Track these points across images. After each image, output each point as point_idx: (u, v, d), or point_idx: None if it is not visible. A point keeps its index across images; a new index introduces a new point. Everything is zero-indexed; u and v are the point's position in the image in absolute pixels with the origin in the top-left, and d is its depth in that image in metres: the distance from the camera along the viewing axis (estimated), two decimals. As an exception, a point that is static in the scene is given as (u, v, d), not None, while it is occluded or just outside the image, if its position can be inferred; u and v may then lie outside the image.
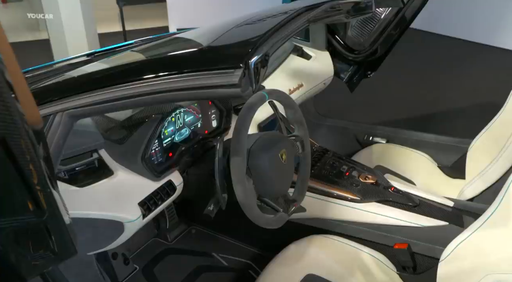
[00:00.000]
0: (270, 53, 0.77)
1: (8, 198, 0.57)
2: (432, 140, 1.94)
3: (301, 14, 0.91)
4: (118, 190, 1.03)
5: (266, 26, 0.84)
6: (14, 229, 0.59)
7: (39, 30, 4.95)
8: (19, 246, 0.64)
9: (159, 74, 0.78)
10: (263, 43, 0.76)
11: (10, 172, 0.57)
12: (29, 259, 0.67)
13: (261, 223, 1.01)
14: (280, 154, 1.03)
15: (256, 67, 0.73)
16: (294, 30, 0.85)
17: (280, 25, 0.83)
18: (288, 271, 1.22)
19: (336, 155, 1.51)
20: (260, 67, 0.74)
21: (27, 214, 0.57)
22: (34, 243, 0.66)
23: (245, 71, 0.71)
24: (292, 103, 1.12)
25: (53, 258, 0.70)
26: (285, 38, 0.84)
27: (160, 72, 0.78)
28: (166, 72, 0.77)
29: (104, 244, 1.05)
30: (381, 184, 1.37)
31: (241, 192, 0.93)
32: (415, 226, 1.27)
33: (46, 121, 0.88)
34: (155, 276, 1.48)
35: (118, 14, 3.84)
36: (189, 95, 0.76)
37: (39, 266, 0.70)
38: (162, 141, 1.13)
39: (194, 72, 0.74)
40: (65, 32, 3.97)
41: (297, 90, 1.73)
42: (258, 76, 0.74)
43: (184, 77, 0.75)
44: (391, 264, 1.28)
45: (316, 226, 1.39)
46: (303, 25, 0.89)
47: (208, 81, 0.73)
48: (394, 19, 1.92)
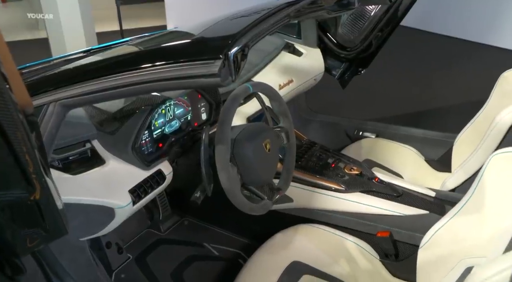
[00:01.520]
0: (250, 45, 0.82)
1: (2, 175, 0.62)
2: (420, 135, 1.99)
3: (282, 9, 0.95)
4: (109, 177, 1.08)
5: (248, 20, 0.88)
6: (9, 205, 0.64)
7: (38, 29, 5.01)
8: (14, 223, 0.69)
9: (145, 65, 0.82)
10: (243, 36, 0.80)
11: (4, 154, 0.62)
12: (23, 236, 0.71)
13: (245, 209, 1.05)
14: (264, 144, 1.08)
15: (236, 58, 0.77)
16: (274, 24, 0.90)
17: (260, 20, 0.88)
18: (274, 258, 1.27)
19: (323, 148, 1.56)
20: (240, 58, 0.79)
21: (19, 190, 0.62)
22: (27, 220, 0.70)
23: (225, 62, 0.76)
24: (276, 96, 1.17)
25: (45, 236, 0.75)
26: (265, 31, 0.88)
27: (145, 64, 0.83)
28: (151, 64, 0.82)
29: (96, 229, 1.09)
30: (365, 175, 1.42)
31: (225, 179, 0.97)
32: (397, 215, 1.31)
33: (40, 112, 0.93)
34: (148, 265, 1.52)
35: (116, 13, 3.90)
36: (173, 85, 0.81)
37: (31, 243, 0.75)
38: (153, 132, 1.18)
39: (177, 63, 0.79)
40: (63, 32, 4.03)
41: (287, 86, 1.77)
42: (237, 67, 0.78)
43: (168, 68, 0.80)
44: (374, 251, 1.33)
45: (303, 215, 1.43)
46: (283, 20, 0.94)
47: (190, 71, 0.78)
48: (385, 16, 1.96)
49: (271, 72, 1.77)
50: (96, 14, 4.44)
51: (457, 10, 4.94)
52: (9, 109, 0.61)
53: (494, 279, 0.64)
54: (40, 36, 4.77)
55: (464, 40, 4.84)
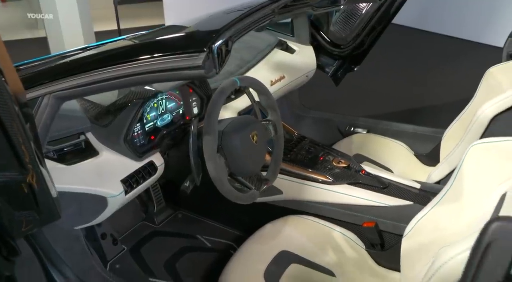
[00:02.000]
0: (234, 39, 0.86)
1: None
2: (410, 130, 2.03)
3: (267, 6, 1.00)
4: (102, 168, 1.12)
5: (233, 16, 0.92)
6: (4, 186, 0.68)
7: (37, 29, 5.05)
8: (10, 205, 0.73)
9: (134, 59, 0.87)
10: (227, 30, 0.84)
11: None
12: (18, 219, 0.76)
13: (232, 198, 1.10)
14: (251, 135, 1.12)
15: (219, 51, 0.82)
16: (258, 19, 0.94)
17: (245, 15, 0.92)
18: (263, 248, 1.31)
19: (312, 142, 1.60)
20: (224, 51, 0.83)
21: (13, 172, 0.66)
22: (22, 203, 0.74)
23: (209, 54, 0.80)
24: (264, 90, 1.21)
25: (38, 219, 0.79)
26: (250, 26, 0.92)
27: (134, 57, 0.87)
28: (139, 57, 0.86)
29: (90, 218, 1.14)
30: (353, 167, 1.46)
31: (212, 168, 1.01)
32: (383, 205, 1.35)
33: (35, 104, 0.98)
34: (142, 256, 1.56)
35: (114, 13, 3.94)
36: (160, 77, 0.85)
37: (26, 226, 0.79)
38: (145, 125, 1.22)
39: (164, 57, 0.83)
40: (62, 31, 4.07)
41: (279, 82, 1.81)
42: (221, 59, 0.82)
43: (155, 61, 0.84)
44: (360, 241, 1.37)
45: (292, 207, 1.48)
46: (268, 16, 0.98)
47: (176, 64, 0.82)
48: (376, 14, 1.99)
49: (263, 68, 1.81)
50: (95, 14, 4.48)
51: (454, 10, 4.98)
52: (6, 103, 0.66)
53: (453, 260, 0.68)
54: (39, 35, 4.81)
55: (460, 39, 4.88)
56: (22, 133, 0.70)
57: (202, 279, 1.47)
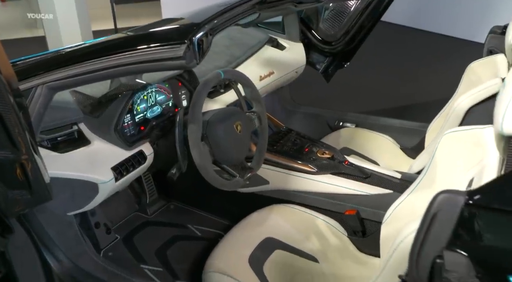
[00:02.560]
0: (214, 32, 0.92)
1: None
2: (397, 125, 2.09)
3: (248, 1, 1.05)
4: (93, 156, 1.18)
5: (215, 10, 0.98)
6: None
7: (36, 28, 5.11)
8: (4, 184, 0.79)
9: (121, 50, 0.93)
10: (207, 24, 0.90)
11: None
12: (11, 197, 0.81)
13: (217, 184, 1.15)
14: (235, 125, 1.18)
15: (200, 43, 0.87)
16: (239, 13, 1.00)
17: (226, 10, 0.98)
18: (249, 234, 1.36)
19: (299, 134, 1.66)
20: (204, 43, 0.89)
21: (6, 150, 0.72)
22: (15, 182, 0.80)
23: (190, 46, 0.86)
24: (248, 82, 1.27)
25: (31, 199, 0.85)
26: (230, 20, 0.98)
27: (121, 49, 0.93)
28: (126, 49, 0.92)
29: (82, 204, 1.19)
30: (336, 158, 1.51)
31: (197, 155, 1.07)
32: (364, 194, 1.41)
33: (29, 94, 1.03)
34: (134, 244, 1.62)
35: (113, 12, 4.00)
36: (145, 68, 0.91)
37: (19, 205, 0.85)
38: (135, 116, 1.28)
39: (149, 48, 0.89)
40: (60, 30, 4.13)
41: (268, 77, 1.87)
42: (202, 50, 0.88)
43: (141, 53, 0.90)
44: (342, 229, 1.43)
45: (278, 197, 1.53)
46: (249, 11, 1.04)
47: (159, 55, 0.88)
48: (365, 11, 2.04)
49: (252, 64, 1.87)
50: (93, 13, 4.54)
51: (447, 9, 5.04)
52: (3, 96, 0.71)
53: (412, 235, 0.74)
54: (38, 34, 4.87)
55: (454, 37, 4.93)
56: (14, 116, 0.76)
57: (192, 265, 1.52)
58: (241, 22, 2.00)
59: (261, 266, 1.27)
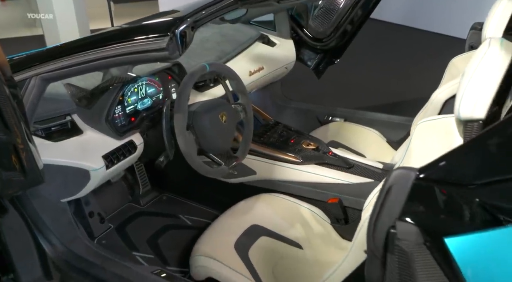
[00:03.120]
0: (196, 26, 0.98)
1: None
2: (384, 119, 2.15)
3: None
4: (85, 145, 1.24)
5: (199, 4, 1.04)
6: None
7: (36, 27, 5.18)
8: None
9: (109, 43, 0.98)
10: (189, 17, 0.96)
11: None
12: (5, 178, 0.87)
13: (202, 171, 1.21)
14: (220, 115, 1.24)
15: (183, 35, 0.93)
16: (221, 9, 1.05)
17: (208, 5, 1.03)
18: (235, 221, 1.42)
19: (286, 127, 1.72)
20: (187, 35, 0.95)
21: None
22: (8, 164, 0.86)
23: (172, 38, 0.91)
24: (233, 75, 1.33)
25: (23, 181, 0.91)
26: (213, 14, 1.04)
27: (110, 42, 0.99)
28: (114, 41, 0.98)
29: (75, 190, 1.25)
30: (321, 149, 1.57)
31: (182, 143, 1.13)
32: (346, 183, 1.47)
33: (23, 85, 1.09)
34: (127, 233, 1.68)
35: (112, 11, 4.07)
36: (131, 59, 0.97)
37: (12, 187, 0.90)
38: (126, 108, 1.34)
39: (134, 41, 0.95)
40: (58, 29, 4.20)
41: (258, 72, 1.93)
42: (184, 43, 0.94)
43: (127, 45, 0.96)
44: (326, 217, 1.48)
45: (265, 187, 1.59)
46: (231, 6, 1.09)
47: (144, 47, 0.93)
48: (354, 8, 2.09)
49: (242, 60, 1.93)
50: (91, 12, 4.60)
51: (440, 7, 5.10)
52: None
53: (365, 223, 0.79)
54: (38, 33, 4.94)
55: (448, 36, 4.99)
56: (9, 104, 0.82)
57: (181, 252, 1.58)
58: (228, 18, 2.07)
59: (246, 251, 1.32)
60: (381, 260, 0.66)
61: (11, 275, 1.32)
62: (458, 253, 0.54)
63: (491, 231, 0.54)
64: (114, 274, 1.20)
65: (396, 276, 0.63)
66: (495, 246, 0.53)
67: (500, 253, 0.53)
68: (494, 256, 0.53)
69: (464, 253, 0.54)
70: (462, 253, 0.54)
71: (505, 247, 0.53)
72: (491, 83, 0.77)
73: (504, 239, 0.53)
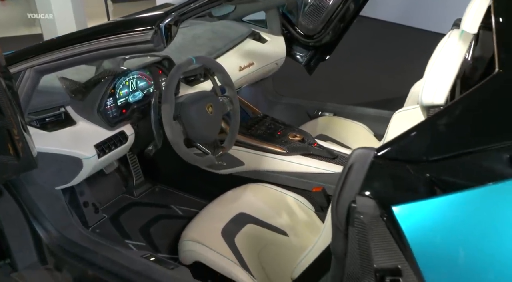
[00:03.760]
0: (181, 20, 1.04)
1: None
2: (372, 113, 2.21)
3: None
4: (78, 134, 1.30)
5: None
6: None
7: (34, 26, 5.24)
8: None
9: (99, 36, 1.05)
10: (174, 12, 1.02)
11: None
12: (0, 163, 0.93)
13: (190, 160, 1.27)
14: (207, 107, 1.30)
15: (167, 28, 0.99)
16: (205, 3, 1.11)
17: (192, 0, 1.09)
18: (223, 210, 1.48)
19: (274, 120, 1.78)
20: (172, 29, 1.01)
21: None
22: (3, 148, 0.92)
23: (157, 31, 0.97)
24: (220, 68, 1.39)
25: (17, 165, 0.96)
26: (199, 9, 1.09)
27: (100, 35, 1.05)
28: (103, 35, 1.04)
29: (68, 178, 1.31)
30: (306, 141, 1.63)
31: (169, 132, 1.19)
32: (331, 173, 1.53)
33: (18, 77, 1.15)
34: (120, 222, 1.74)
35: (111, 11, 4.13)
36: (119, 51, 1.03)
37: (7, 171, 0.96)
38: (117, 100, 1.40)
39: (122, 34, 1.01)
40: (57, 28, 4.26)
41: (248, 68, 1.99)
42: (169, 35, 1.00)
43: (115, 38, 1.02)
44: (310, 205, 1.54)
45: (253, 177, 1.65)
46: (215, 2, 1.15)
47: (130, 39, 0.99)
48: (345, 4, 2.14)
49: (233, 56, 1.98)
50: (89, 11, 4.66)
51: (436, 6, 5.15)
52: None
53: None
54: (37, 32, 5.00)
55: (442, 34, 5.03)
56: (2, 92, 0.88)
57: (172, 241, 1.64)
58: (216, 14, 2.12)
59: (233, 238, 1.38)
60: (344, 233, 0.72)
61: (8, 260, 1.38)
62: (403, 219, 0.60)
63: (432, 199, 0.60)
64: (105, 257, 1.26)
65: (356, 246, 0.69)
66: (436, 213, 0.59)
67: (440, 218, 0.59)
68: (435, 220, 0.59)
69: (408, 219, 0.60)
70: (407, 218, 0.60)
71: (444, 212, 0.59)
72: (449, 72, 0.83)
73: (443, 206, 0.59)
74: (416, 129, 0.69)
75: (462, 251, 0.58)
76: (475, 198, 0.59)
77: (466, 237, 0.58)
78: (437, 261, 0.60)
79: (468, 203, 0.59)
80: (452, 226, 0.60)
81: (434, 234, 0.60)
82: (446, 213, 0.60)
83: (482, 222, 0.58)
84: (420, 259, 0.59)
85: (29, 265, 1.37)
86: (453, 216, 0.60)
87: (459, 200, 0.59)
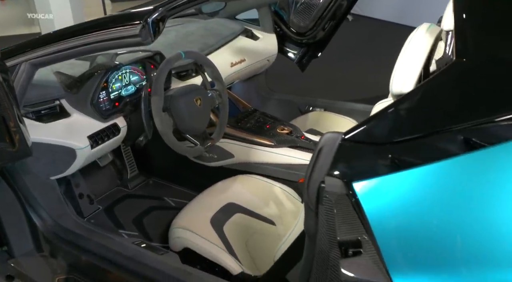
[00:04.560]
0: (168, 15, 1.09)
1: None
2: (361, 108, 2.26)
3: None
4: (72, 126, 1.35)
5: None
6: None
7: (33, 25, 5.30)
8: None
9: (91, 31, 1.10)
10: (162, 7, 1.07)
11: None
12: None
13: (178, 150, 1.33)
14: (195, 99, 1.35)
15: (155, 23, 1.04)
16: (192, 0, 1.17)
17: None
18: (212, 200, 1.53)
19: (264, 114, 1.83)
20: (159, 24, 1.06)
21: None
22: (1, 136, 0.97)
23: (145, 25, 1.03)
24: (209, 63, 1.44)
25: (13, 152, 1.02)
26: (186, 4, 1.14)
27: (91, 30, 1.10)
28: (95, 29, 1.09)
29: (63, 168, 1.37)
30: (294, 133, 1.68)
31: (159, 123, 1.25)
32: (317, 164, 1.58)
33: (13, 70, 1.21)
34: (115, 213, 1.80)
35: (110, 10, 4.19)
36: (110, 45, 1.08)
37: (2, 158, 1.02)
38: (110, 93, 1.45)
39: (112, 28, 1.06)
40: (56, 27, 4.32)
41: (239, 64, 2.04)
42: (157, 29, 1.05)
43: (105, 32, 1.07)
44: (297, 195, 1.59)
45: (242, 169, 1.70)
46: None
47: (120, 34, 1.05)
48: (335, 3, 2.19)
49: (225, 52, 2.04)
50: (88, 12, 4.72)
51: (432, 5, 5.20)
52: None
53: None
54: (36, 31, 5.06)
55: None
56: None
57: (164, 230, 1.69)
58: (206, 11, 2.17)
59: (221, 226, 1.43)
60: (314, 211, 0.78)
61: (4, 247, 1.43)
62: (364, 194, 0.65)
63: (389, 175, 0.65)
64: (99, 244, 1.31)
65: (325, 223, 0.74)
66: (394, 187, 0.65)
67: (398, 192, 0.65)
68: (393, 195, 0.65)
69: (369, 194, 0.65)
70: (367, 194, 0.65)
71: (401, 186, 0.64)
72: (416, 63, 0.88)
73: (400, 180, 0.65)
74: (381, 113, 0.74)
75: (417, 221, 0.64)
76: (428, 173, 0.64)
77: (420, 209, 0.64)
78: (395, 232, 0.65)
79: (422, 178, 0.64)
80: (408, 199, 0.65)
81: (392, 206, 0.65)
82: (403, 187, 0.65)
83: (435, 195, 0.64)
84: (378, 230, 0.64)
85: (25, 252, 1.43)
86: (410, 190, 0.65)
87: (414, 174, 0.65)
